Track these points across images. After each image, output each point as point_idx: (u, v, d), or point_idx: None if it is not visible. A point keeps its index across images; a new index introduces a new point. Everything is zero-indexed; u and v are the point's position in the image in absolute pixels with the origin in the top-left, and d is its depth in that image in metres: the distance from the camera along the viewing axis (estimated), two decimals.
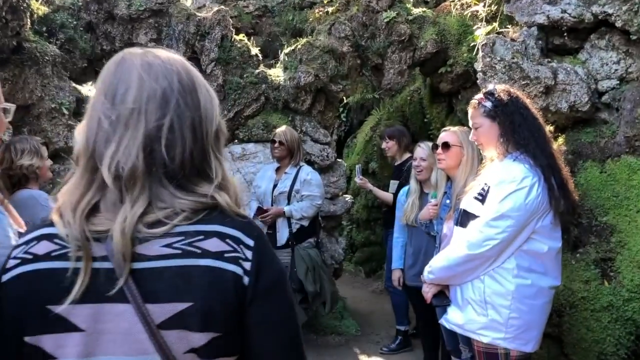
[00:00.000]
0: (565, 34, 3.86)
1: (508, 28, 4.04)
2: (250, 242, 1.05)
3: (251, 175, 5.31)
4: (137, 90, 1.05)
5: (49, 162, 3.44)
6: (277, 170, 4.91)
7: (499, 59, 3.73)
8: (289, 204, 4.78)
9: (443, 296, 2.65)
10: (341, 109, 9.71)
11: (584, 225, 3.67)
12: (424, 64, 5.95)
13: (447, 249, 2.61)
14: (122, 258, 0.98)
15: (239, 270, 1.02)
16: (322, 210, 5.46)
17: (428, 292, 2.67)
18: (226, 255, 1.02)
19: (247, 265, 1.03)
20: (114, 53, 4.08)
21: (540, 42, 3.85)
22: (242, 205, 1.13)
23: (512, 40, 3.82)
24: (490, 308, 2.41)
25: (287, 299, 1.10)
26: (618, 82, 3.74)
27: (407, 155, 5.27)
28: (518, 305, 2.39)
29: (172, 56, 1.14)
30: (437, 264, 2.59)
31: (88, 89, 6.98)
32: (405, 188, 4.40)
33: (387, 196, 5.01)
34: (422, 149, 4.21)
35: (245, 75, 5.54)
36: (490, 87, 2.65)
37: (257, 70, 5.59)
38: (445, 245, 3.08)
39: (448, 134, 3.43)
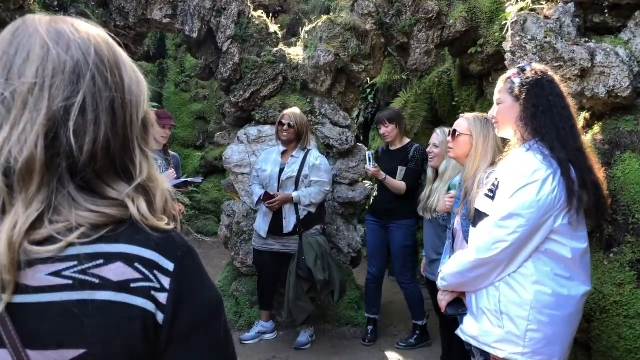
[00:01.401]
0: (606, 11, 3.49)
1: (542, 4, 3.68)
2: (169, 266, 0.82)
3: None
4: (39, 61, 0.83)
5: None
6: (283, 153, 4.68)
7: (530, 38, 3.39)
8: (296, 189, 4.56)
9: (459, 304, 2.39)
10: (368, 90, 9.39)
11: (619, 223, 3.34)
12: (452, 44, 5.60)
13: (458, 253, 2.35)
14: (0, 285, 0.76)
15: (149, 305, 0.80)
16: (340, 196, 5.23)
17: (442, 299, 2.41)
18: (133, 285, 0.79)
19: (162, 297, 0.81)
20: (128, 30, 3.87)
21: (577, 19, 3.49)
22: (170, 214, 0.89)
23: (546, 17, 3.47)
24: (507, 319, 2.15)
25: (217, 340, 0.87)
26: None
27: (407, 140, 5.01)
28: (537, 316, 2.11)
29: (90, 27, 0.91)
30: (449, 269, 2.33)
31: None
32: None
33: (400, 185, 4.72)
34: (436, 135, 3.99)
35: (262, 54, 5.30)
36: (525, 64, 2.35)
37: (275, 49, 5.34)
38: (457, 243, 2.82)
39: (460, 120, 3.21)
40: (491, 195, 2.20)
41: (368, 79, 8.78)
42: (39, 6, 4.22)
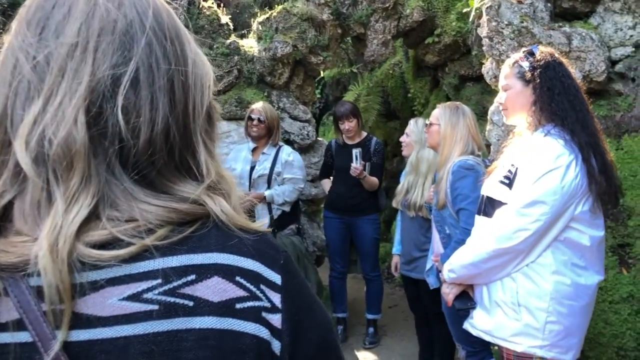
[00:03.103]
0: None
1: None
2: (276, 278, 0.63)
3: (224, 157, 4.83)
4: (83, 17, 0.62)
5: None
6: (254, 150, 4.43)
7: (506, 23, 3.33)
8: (269, 187, 4.33)
9: (467, 297, 2.25)
10: (316, 85, 9.26)
11: None
12: (408, 34, 5.53)
13: (469, 243, 2.21)
14: (52, 320, 0.54)
15: (263, 332, 0.60)
16: (303, 193, 5.03)
17: (449, 293, 2.27)
18: (239, 306, 0.59)
19: (276, 319, 0.61)
20: None
21: (549, 4, 3.46)
22: (243, 216, 0.69)
23: (519, 2, 3.42)
24: (525, 311, 2.03)
25: None
26: (634, 49, 3.39)
27: (364, 133, 4.81)
28: (557, 307, 2.01)
29: None
30: (459, 260, 2.19)
31: None
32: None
33: (375, 181, 4.56)
34: (409, 124, 3.88)
35: (215, 46, 5.02)
36: (533, 46, 2.24)
37: (228, 41, 5.08)
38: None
39: (434, 110, 3.11)
40: (507, 182, 2.08)
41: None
42: None
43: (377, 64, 6.34)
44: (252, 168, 4.34)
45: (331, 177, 4.80)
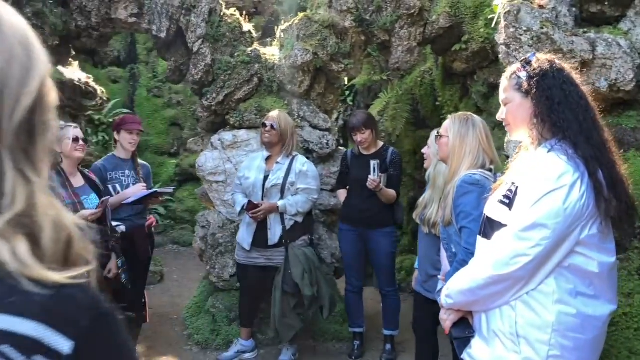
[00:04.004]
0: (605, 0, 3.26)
1: None
2: (65, 346, 0.51)
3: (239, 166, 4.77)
4: None
5: None
6: (267, 159, 4.36)
7: (525, 29, 3.15)
8: (282, 197, 4.25)
9: (466, 325, 2.09)
10: (347, 92, 9.13)
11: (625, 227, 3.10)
12: (435, 41, 5.36)
13: (467, 267, 2.06)
14: None
15: None
16: (322, 203, 4.93)
17: (447, 319, 2.11)
18: None
19: None
20: (91, 30, 3.48)
21: (574, 9, 3.26)
22: (79, 259, 0.58)
23: (541, 7, 3.23)
24: (524, 343, 1.86)
25: None
26: None
27: (381, 143, 4.65)
28: (560, 340, 1.84)
29: None
30: (456, 286, 2.03)
31: (73, 71, 6.47)
32: None
33: (393, 194, 4.41)
34: (431, 136, 3.72)
35: (236, 54, 4.98)
36: (529, 54, 2.09)
37: (249, 49, 5.03)
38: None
39: (445, 121, 2.95)
40: (507, 202, 1.92)
41: (346, 80, 8.53)
42: None
43: (403, 72, 6.17)
44: (266, 177, 4.27)
45: (347, 188, 4.68)
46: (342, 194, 4.71)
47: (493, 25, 3.89)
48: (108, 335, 0.56)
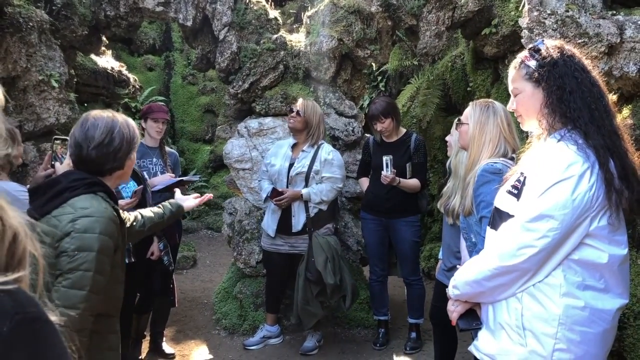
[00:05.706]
0: None
1: None
2: None
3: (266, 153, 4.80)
4: None
5: (22, 148, 3.00)
6: (294, 147, 4.37)
7: (549, 12, 3.04)
8: (306, 185, 4.25)
9: (473, 316, 2.06)
10: (379, 78, 9.04)
11: None
12: (465, 25, 5.23)
13: (474, 258, 2.02)
14: None
15: None
16: (348, 191, 4.92)
17: (454, 311, 2.08)
18: None
19: None
20: (119, 19, 3.57)
21: None
22: (22, 257, 0.58)
23: None
24: (530, 336, 1.83)
25: None
26: None
27: (403, 130, 4.56)
28: (567, 333, 1.79)
29: None
30: (463, 276, 2.00)
31: (106, 60, 6.60)
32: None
33: (415, 184, 4.35)
34: (454, 124, 3.64)
35: (262, 41, 4.99)
36: (538, 41, 2.01)
37: (275, 36, 5.03)
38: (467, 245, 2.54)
39: (467, 108, 2.87)
40: (515, 192, 1.87)
41: (378, 65, 8.44)
42: None
43: (433, 57, 6.06)
44: (291, 165, 4.28)
45: (369, 175, 4.65)
46: (364, 182, 4.68)
47: (520, 8, 3.78)
48: (31, 341, 0.55)
